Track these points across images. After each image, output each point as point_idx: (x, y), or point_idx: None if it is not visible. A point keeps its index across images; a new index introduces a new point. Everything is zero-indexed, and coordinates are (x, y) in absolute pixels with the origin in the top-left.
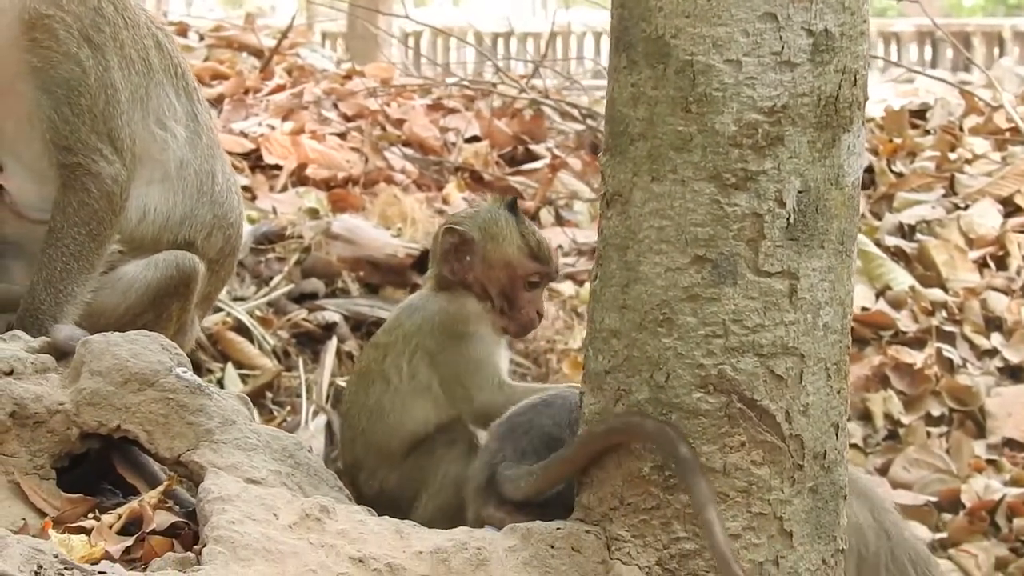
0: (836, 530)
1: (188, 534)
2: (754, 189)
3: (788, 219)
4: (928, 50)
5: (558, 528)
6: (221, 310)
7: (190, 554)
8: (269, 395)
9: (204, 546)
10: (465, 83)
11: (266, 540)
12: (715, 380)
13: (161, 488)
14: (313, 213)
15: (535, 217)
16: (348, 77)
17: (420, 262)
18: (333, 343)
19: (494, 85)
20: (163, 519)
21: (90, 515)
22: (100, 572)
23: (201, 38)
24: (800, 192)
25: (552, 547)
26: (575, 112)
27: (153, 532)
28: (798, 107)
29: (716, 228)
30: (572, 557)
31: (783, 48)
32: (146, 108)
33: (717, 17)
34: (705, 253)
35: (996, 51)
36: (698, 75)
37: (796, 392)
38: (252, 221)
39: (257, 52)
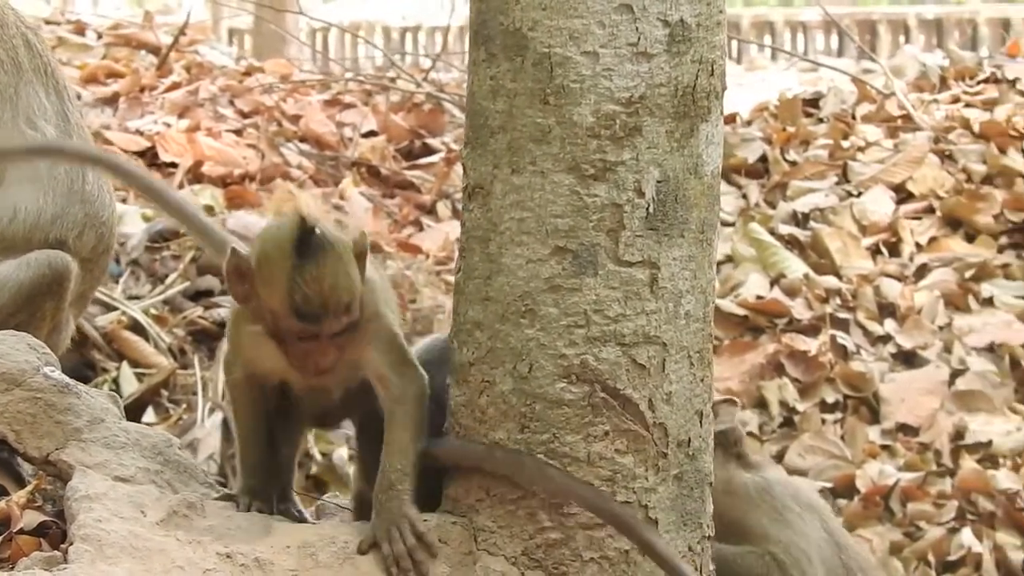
0: (702, 517)
1: (56, 533)
2: (613, 180)
3: (648, 209)
4: (835, 39)
5: (425, 520)
6: (116, 309)
7: (57, 553)
8: (165, 393)
9: (71, 544)
10: (360, 78)
11: (133, 537)
12: (578, 370)
13: (30, 488)
14: (208, 210)
15: (432, 211)
16: (247, 74)
17: None
18: None
19: (392, 80)
20: (32, 518)
21: None
22: None
23: (99, 36)
24: (659, 182)
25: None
26: None
27: (21, 532)
28: (655, 97)
29: (576, 219)
30: (439, 549)
31: (639, 39)
32: (15, 108)
33: (573, 9)
34: (566, 244)
35: (902, 39)
36: (555, 67)
37: (659, 381)
38: (147, 219)
39: (156, 50)
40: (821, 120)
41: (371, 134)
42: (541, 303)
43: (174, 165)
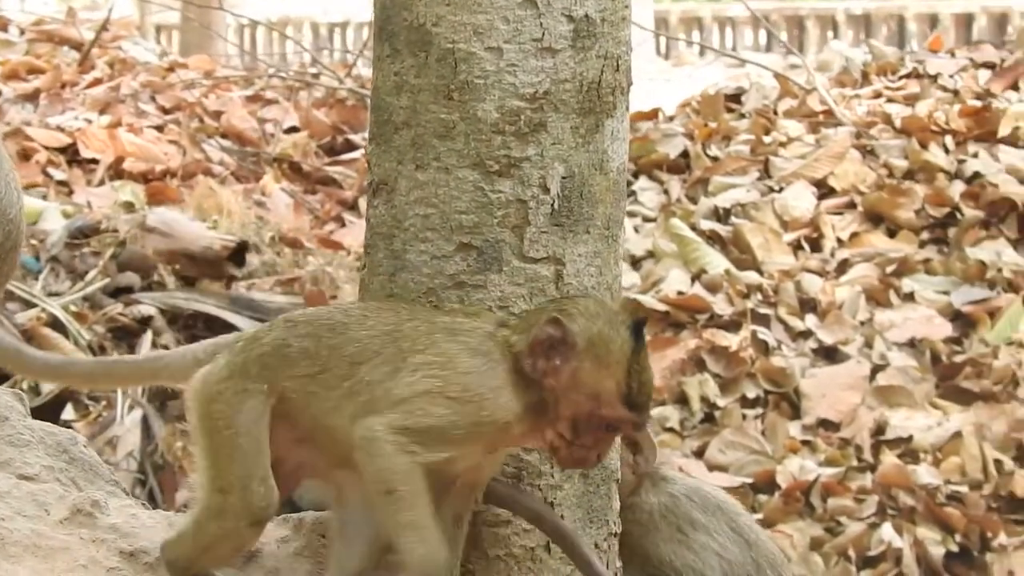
0: (608, 514)
1: None
2: (518, 176)
3: (552, 205)
4: (763, 34)
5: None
6: (35, 306)
7: None
8: (84, 390)
9: None
10: (282, 75)
11: (36, 536)
12: None
13: None
14: (129, 207)
15: (354, 207)
16: (171, 70)
17: (236, 254)
18: (148, 337)
19: (316, 76)
20: None
21: None
22: None
23: (22, 32)
24: (564, 178)
25: (324, 537)
26: None
27: None
28: (560, 93)
29: (480, 215)
30: None
31: (544, 35)
32: None
33: (477, 5)
34: (470, 240)
35: (830, 34)
36: (459, 63)
37: None
38: (67, 216)
39: (78, 46)
40: (743, 116)
41: (293, 130)
42: (446, 299)
43: (95, 161)
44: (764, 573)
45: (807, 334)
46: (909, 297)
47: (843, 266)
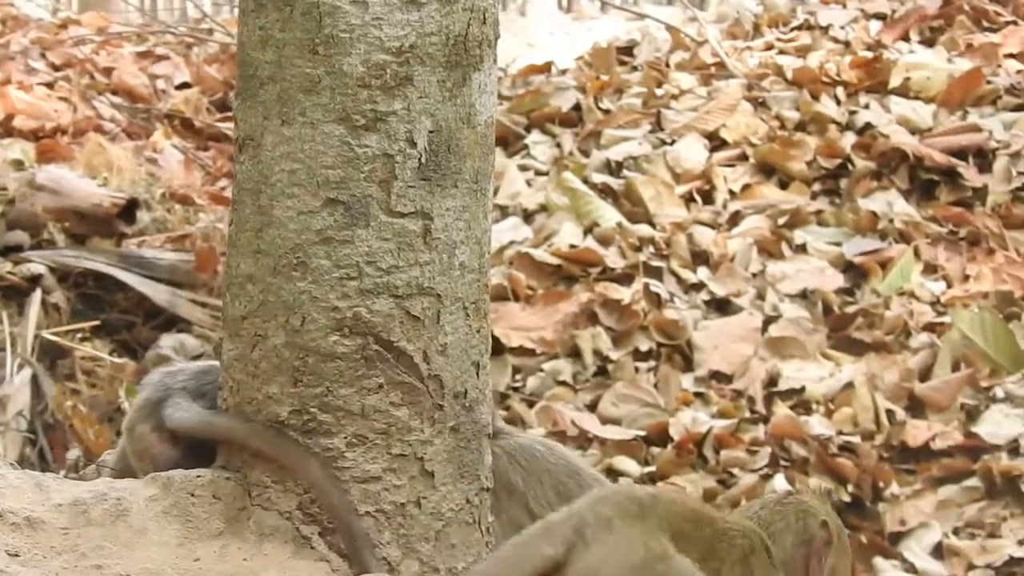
0: (480, 469)
1: None
2: (384, 130)
3: (420, 159)
4: None
5: (198, 476)
6: None
7: None
8: None
9: None
10: (173, 31)
11: None
12: (351, 323)
13: None
14: (17, 164)
15: None
16: (63, 26)
17: (127, 211)
18: (38, 295)
19: (209, 32)
20: None
21: None
22: None
23: None
24: (431, 132)
25: (193, 495)
26: None
27: None
28: (426, 47)
29: (347, 170)
30: (213, 505)
31: None
32: None
33: None
34: (337, 195)
35: None
36: (324, 16)
37: (434, 332)
38: None
39: None
40: (636, 68)
41: (185, 86)
42: (313, 256)
43: None
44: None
45: (699, 286)
46: (801, 248)
47: (735, 218)
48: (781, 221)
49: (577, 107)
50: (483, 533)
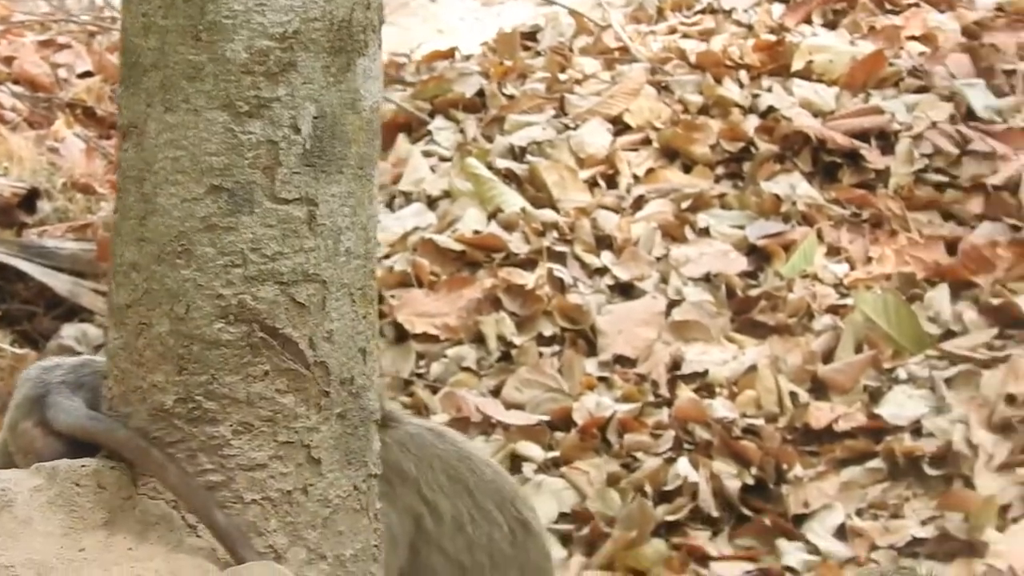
0: (367, 455)
1: None
2: (268, 116)
3: (304, 145)
4: None
5: (83, 466)
6: None
7: None
8: None
9: None
10: (75, 19)
11: None
12: (235, 310)
13: None
14: None
15: None
16: None
17: (27, 201)
18: None
19: (113, 20)
20: None
21: None
22: None
23: None
24: (316, 118)
25: (78, 485)
26: None
27: None
28: (310, 32)
29: (231, 157)
30: (98, 495)
31: None
32: None
33: None
34: (221, 182)
35: None
36: (207, 3)
37: (319, 319)
38: None
39: None
40: (539, 54)
41: (87, 75)
42: (197, 243)
43: None
44: (489, 515)
45: (603, 271)
46: (704, 232)
47: (639, 202)
48: (684, 205)
49: (481, 93)
50: (371, 519)
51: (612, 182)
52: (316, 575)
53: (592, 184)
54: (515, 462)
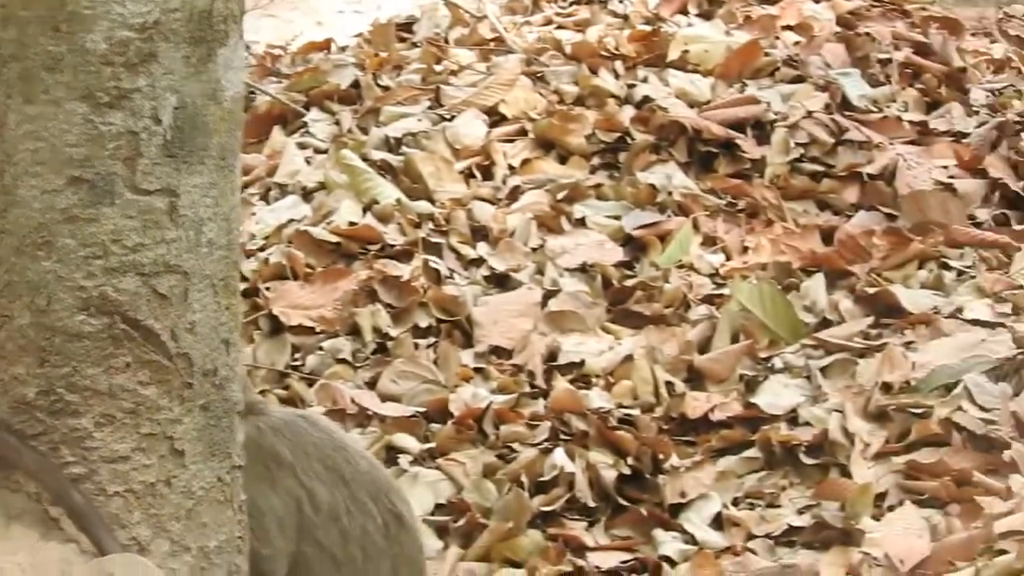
0: (231, 447)
1: None
2: (128, 107)
3: (165, 136)
4: None
5: None
6: None
7: None
8: None
9: None
10: None
11: None
12: (97, 302)
13: None
14: None
15: None
16: None
17: None
18: None
19: None
20: None
21: None
22: None
23: None
24: (176, 109)
25: None
26: None
27: None
28: (170, 22)
29: (91, 148)
30: None
31: None
32: None
33: None
34: (81, 174)
35: None
36: None
37: (181, 310)
38: None
39: None
40: (415, 45)
41: None
42: (58, 235)
43: None
44: (364, 507)
45: (479, 262)
46: (580, 223)
47: (514, 193)
48: (560, 195)
49: (356, 84)
50: (235, 511)
51: (488, 173)
52: (180, 567)
53: (468, 175)
54: (391, 454)
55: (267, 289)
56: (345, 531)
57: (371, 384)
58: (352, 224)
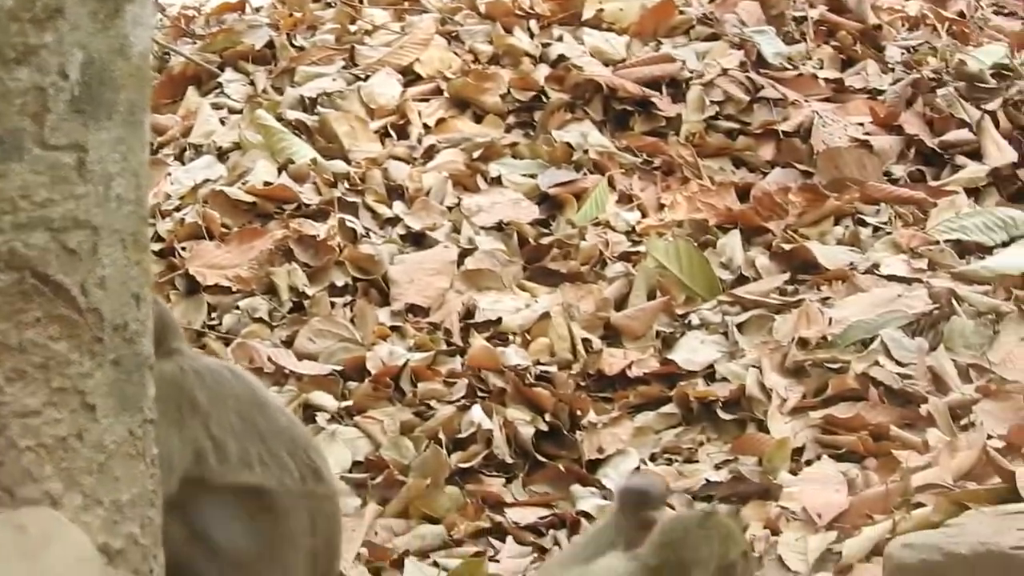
0: (143, 400)
1: None
2: (35, 63)
3: (72, 92)
4: None
5: None
6: None
7: None
8: None
9: None
10: None
11: None
12: (6, 257)
13: None
14: None
15: None
16: None
17: None
18: None
19: None
20: None
21: None
22: None
23: None
24: (84, 64)
25: None
26: None
27: None
28: None
29: None
30: None
31: None
32: None
33: None
34: None
35: None
36: None
37: (91, 265)
38: None
39: None
40: (329, 5)
41: None
42: None
43: None
44: (281, 461)
45: (395, 221)
46: (496, 181)
47: (430, 152)
48: (476, 154)
49: (271, 45)
50: (147, 465)
51: (403, 132)
52: (92, 520)
53: (383, 134)
54: (308, 412)
55: (183, 249)
56: (259, 481)
57: (288, 343)
58: (267, 184)
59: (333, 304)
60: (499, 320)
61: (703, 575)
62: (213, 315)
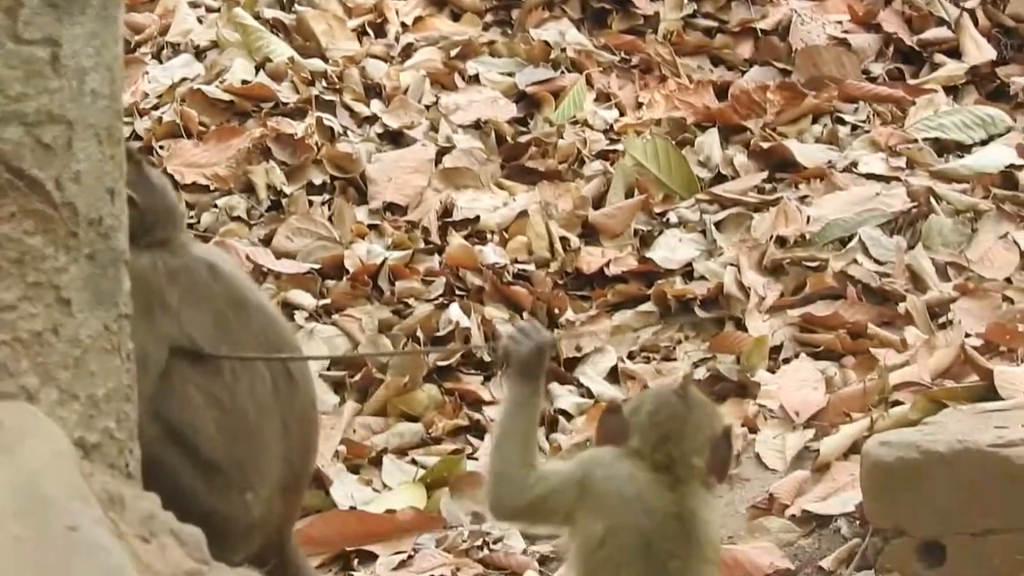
0: (118, 295)
1: None
2: None
3: None
4: None
5: None
6: None
7: None
8: None
9: None
10: None
11: None
12: None
13: None
14: None
15: None
16: None
17: None
18: None
19: None
20: None
21: None
22: None
23: None
24: None
25: None
26: None
27: None
28: None
29: None
30: None
31: None
32: None
33: None
34: None
35: None
36: None
37: (66, 160)
38: None
39: None
40: None
41: None
42: None
43: None
44: (252, 366)
45: (372, 119)
46: (474, 79)
47: (407, 50)
48: (453, 53)
49: None
50: (123, 360)
51: (380, 31)
52: (68, 415)
53: (360, 33)
54: (286, 310)
55: (161, 148)
56: (230, 384)
57: (266, 241)
58: (245, 82)
59: (311, 202)
60: (477, 218)
61: (691, 446)
62: (191, 214)
